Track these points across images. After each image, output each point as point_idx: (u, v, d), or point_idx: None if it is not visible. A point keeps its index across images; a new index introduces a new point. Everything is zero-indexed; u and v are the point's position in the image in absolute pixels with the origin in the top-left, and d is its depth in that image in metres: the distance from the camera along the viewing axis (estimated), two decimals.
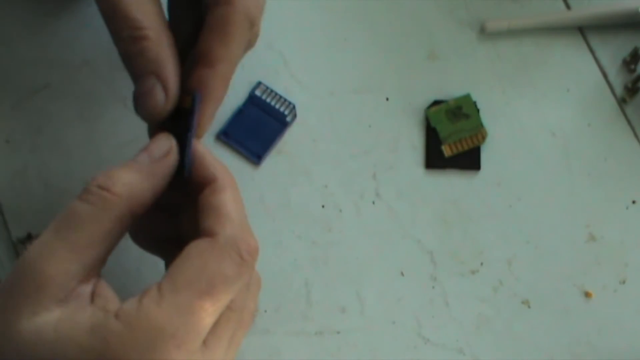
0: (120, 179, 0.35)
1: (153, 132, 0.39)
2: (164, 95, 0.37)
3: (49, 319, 0.32)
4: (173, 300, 0.33)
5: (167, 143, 0.37)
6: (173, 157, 0.37)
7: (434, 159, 0.49)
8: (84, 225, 0.34)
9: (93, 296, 0.34)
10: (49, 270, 0.33)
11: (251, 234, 0.37)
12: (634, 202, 0.49)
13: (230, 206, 0.36)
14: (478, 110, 0.50)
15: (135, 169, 0.36)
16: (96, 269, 0.35)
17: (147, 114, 0.38)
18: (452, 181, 0.49)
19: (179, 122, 0.38)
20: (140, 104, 0.37)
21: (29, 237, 0.47)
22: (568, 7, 0.52)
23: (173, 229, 0.40)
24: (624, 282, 0.48)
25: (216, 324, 0.35)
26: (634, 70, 0.51)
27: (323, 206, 0.49)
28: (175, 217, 0.40)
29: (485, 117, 0.50)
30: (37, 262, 0.33)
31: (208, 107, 0.38)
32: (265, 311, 0.47)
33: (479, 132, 0.49)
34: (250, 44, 0.40)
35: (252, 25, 0.39)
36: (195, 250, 0.35)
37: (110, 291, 0.35)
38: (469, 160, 0.49)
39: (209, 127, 0.39)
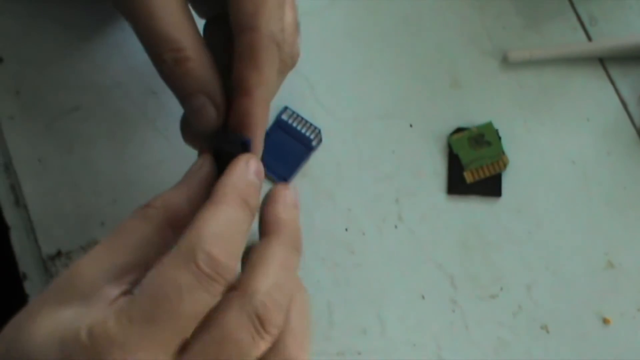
0: (160, 196, 0.37)
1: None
2: (215, 111, 0.39)
3: (65, 315, 0.32)
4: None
5: (200, 161, 0.38)
6: (205, 167, 0.38)
7: (456, 185, 0.50)
8: (124, 233, 0.35)
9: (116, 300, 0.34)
10: (81, 267, 0.34)
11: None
12: None
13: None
14: (500, 138, 0.50)
15: (174, 186, 0.37)
16: (130, 275, 0.35)
17: (201, 129, 0.39)
18: (473, 207, 0.50)
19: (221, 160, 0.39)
20: (195, 120, 0.39)
21: (59, 254, 0.48)
22: (589, 38, 0.53)
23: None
24: None
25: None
26: None
27: (346, 229, 0.49)
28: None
29: (507, 145, 0.50)
30: (77, 262, 0.34)
31: (256, 135, 0.39)
32: None
33: (500, 160, 0.50)
34: (285, 65, 0.40)
35: (279, 47, 0.39)
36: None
37: None
38: (490, 187, 0.50)
39: (261, 152, 0.40)
